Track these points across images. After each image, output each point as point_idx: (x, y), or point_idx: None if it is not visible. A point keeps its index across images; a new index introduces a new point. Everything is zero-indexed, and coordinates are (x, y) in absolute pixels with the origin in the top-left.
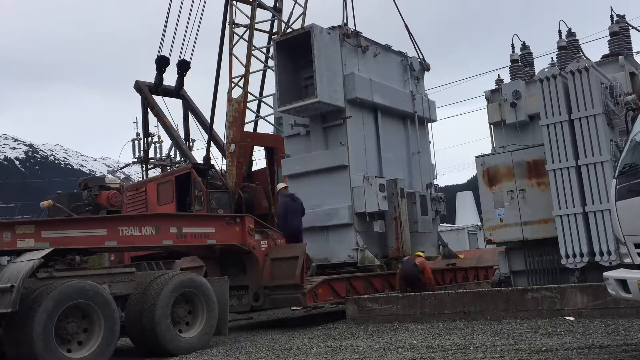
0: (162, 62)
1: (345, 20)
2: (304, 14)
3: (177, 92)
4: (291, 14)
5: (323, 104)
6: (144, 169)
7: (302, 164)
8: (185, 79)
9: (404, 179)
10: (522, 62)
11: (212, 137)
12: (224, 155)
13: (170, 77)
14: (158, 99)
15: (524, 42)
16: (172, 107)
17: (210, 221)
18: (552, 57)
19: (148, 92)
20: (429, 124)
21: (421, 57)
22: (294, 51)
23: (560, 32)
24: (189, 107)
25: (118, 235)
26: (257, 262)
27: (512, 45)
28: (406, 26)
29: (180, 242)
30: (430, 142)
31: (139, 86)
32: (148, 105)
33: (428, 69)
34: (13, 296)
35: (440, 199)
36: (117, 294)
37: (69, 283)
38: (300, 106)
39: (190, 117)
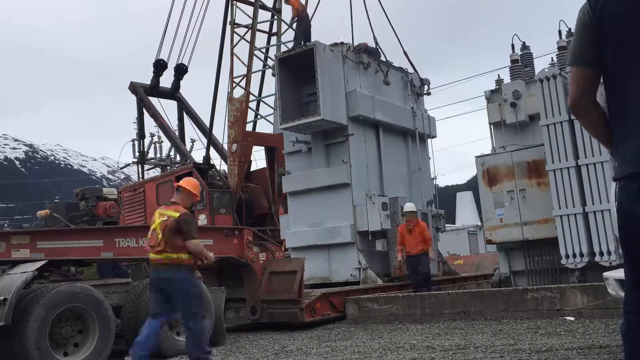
0: (160, 66)
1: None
2: None
3: (172, 94)
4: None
5: (326, 122)
6: (140, 170)
7: (303, 181)
8: (181, 81)
9: (405, 197)
10: (522, 62)
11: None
12: (221, 156)
13: (166, 80)
14: (154, 100)
15: (524, 42)
16: (168, 110)
17: (208, 233)
18: (552, 57)
19: (144, 93)
20: (429, 140)
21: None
22: (296, 67)
23: (560, 32)
24: (184, 108)
25: (115, 247)
26: (255, 276)
27: (512, 46)
28: (404, 51)
29: None
30: (430, 158)
31: (134, 87)
32: (144, 106)
33: (428, 86)
34: (6, 309)
35: (441, 216)
36: (114, 305)
37: (58, 289)
38: (303, 124)
39: (186, 118)
